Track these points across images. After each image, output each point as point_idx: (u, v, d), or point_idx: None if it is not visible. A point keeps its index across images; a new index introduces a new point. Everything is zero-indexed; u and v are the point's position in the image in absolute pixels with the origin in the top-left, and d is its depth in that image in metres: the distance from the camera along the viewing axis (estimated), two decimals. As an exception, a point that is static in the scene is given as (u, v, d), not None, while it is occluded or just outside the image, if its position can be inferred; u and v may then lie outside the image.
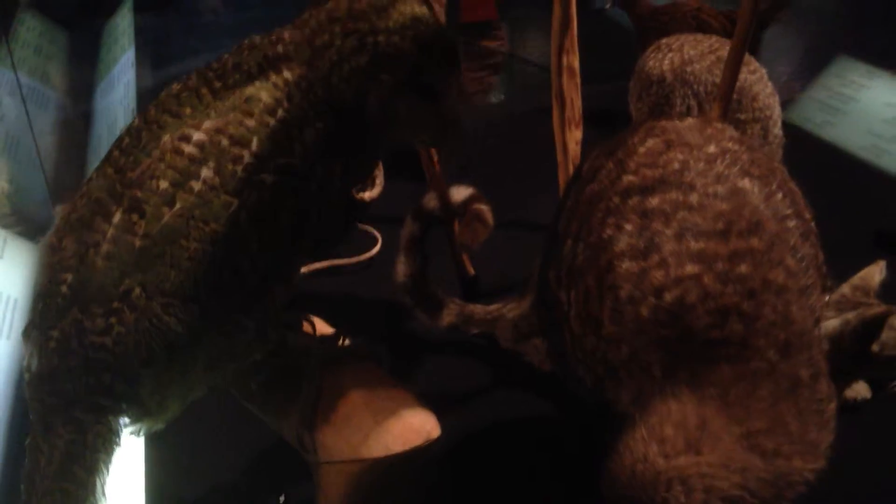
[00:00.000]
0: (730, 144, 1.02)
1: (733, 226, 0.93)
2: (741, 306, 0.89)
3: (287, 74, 0.95)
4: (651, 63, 1.71)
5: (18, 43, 3.24)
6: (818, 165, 2.35)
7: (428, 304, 1.51)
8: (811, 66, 2.79)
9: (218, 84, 0.96)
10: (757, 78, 1.63)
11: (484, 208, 1.47)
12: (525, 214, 1.92)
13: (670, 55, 1.66)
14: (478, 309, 1.51)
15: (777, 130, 1.65)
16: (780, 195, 0.98)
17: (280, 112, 0.93)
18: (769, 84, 1.66)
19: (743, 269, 0.91)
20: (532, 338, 1.44)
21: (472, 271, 1.72)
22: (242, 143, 0.92)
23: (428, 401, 1.11)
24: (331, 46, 0.96)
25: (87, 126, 2.77)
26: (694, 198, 0.95)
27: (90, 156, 2.67)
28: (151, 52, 3.11)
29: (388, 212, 1.79)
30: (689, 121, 1.07)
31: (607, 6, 2.16)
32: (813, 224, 1.02)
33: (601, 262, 0.98)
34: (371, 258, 1.86)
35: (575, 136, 1.72)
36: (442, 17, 1.89)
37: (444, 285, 1.55)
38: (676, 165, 0.99)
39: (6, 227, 2.25)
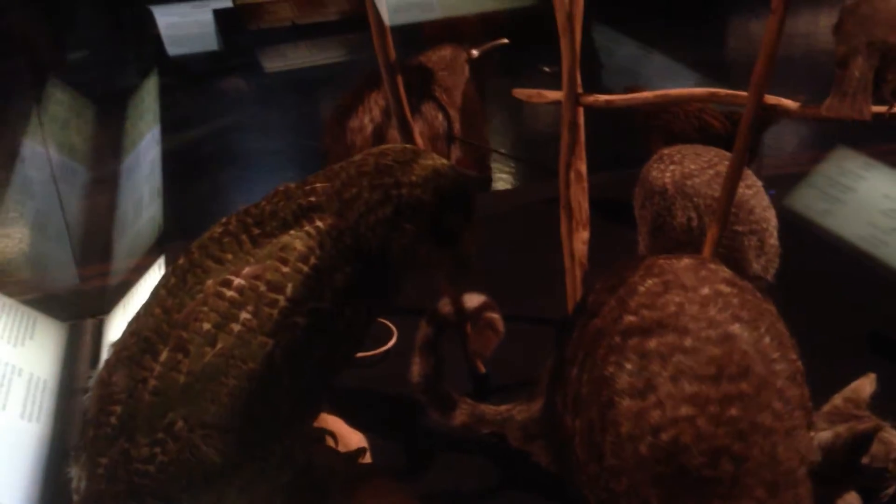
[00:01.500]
0: (722, 287, 1.11)
1: (724, 370, 1.01)
2: (732, 448, 0.98)
3: (319, 224, 1.05)
4: (654, 174, 1.81)
5: (48, 116, 3.38)
6: (818, 256, 2.44)
7: (441, 403, 1.59)
8: (811, 154, 2.89)
9: (256, 231, 1.06)
10: (753, 192, 1.72)
11: (495, 317, 1.56)
12: (534, 310, 2.01)
13: (672, 167, 1.76)
14: (489, 409, 1.59)
15: (773, 241, 1.74)
16: (767, 339, 1.06)
17: (312, 259, 1.03)
18: (765, 196, 1.76)
19: (733, 412, 0.99)
20: (540, 440, 1.53)
21: (482, 369, 1.80)
22: (278, 288, 1.01)
23: (440, 499, 1.18)
24: (359, 199, 1.06)
25: (113, 204, 2.87)
26: (689, 342, 1.04)
27: (115, 234, 2.78)
28: (177, 127, 3.23)
29: (405, 303, 1.89)
30: (686, 261, 1.17)
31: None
32: (799, 363, 1.11)
33: (603, 398, 1.06)
34: (387, 350, 1.95)
35: (582, 236, 1.81)
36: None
37: (456, 379, 1.63)
38: (673, 308, 1.08)
39: (35, 306, 2.34)
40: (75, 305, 2.44)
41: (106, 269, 2.63)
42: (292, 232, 1.05)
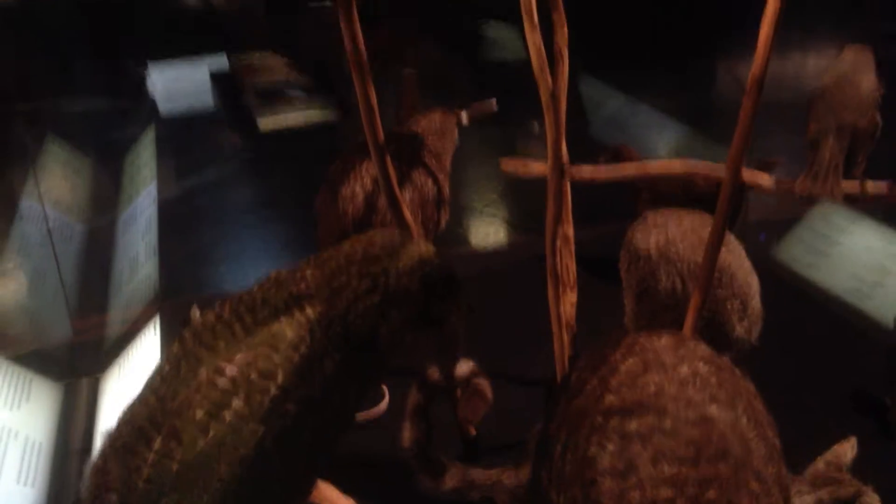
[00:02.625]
0: (701, 366, 1.15)
1: (703, 452, 1.05)
2: (710, 529, 1.00)
3: (309, 312, 1.09)
4: (638, 237, 1.85)
5: (45, 172, 3.42)
6: (804, 310, 2.48)
7: (432, 468, 1.62)
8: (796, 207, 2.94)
9: (248, 318, 1.09)
10: (735, 257, 1.77)
11: (484, 383, 1.59)
12: (523, 370, 2.04)
13: (655, 232, 1.81)
14: (479, 474, 1.62)
15: (756, 304, 1.78)
16: (745, 419, 1.10)
17: (303, 348, 1.06)
18: (747, 261, 1.80)
19: (711, 494, 1.02)
20: (528, 505, 1.55)
21: (472, 432, 1.82)
22: (269, 376, 1.05)
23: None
24: (347, 287, 1.09)
25: (108, 261, 2.90)
26: (668, 423, 1.07)
27: (111, 291, 2.81)
28: (173, 183, 3.27)
29: (396, 365, 1.92)
30: (665, 339, 1.20)
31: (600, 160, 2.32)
32: (776, 440, 1.14)
33: (586, 477, 1.09)
34: (378, 412, 1.97)
35: (570, 299, 1.85)
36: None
37: (446, 442, 1.66)
38: (653, 388, 1.11)
39: (31, 365, 2.37)
40: (70, 363, 2.46)
41: (101, 325, 2.66)
42: (283, 320, 1.08)
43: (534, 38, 1.60)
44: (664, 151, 3.33)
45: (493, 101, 2.26)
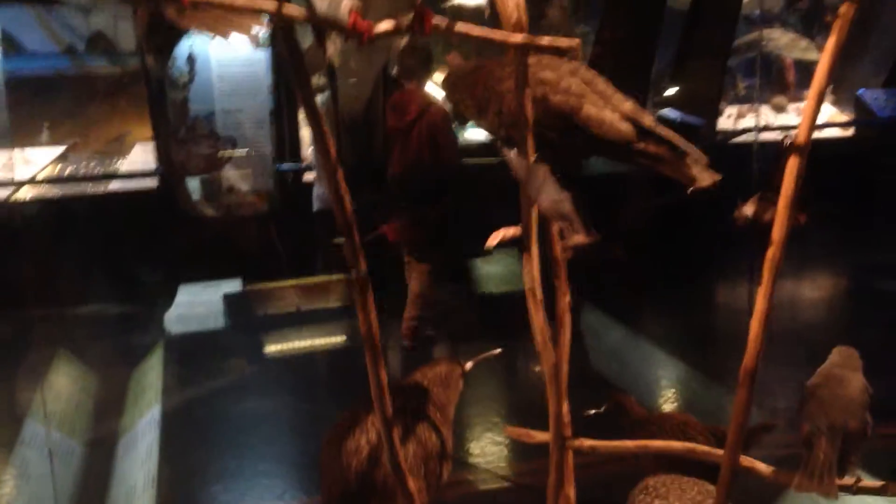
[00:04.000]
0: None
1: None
2: None
3: None
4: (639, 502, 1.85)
5: (52, 390, 3.46)
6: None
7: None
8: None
9: None
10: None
11: None
12: None
13: (657, 503, 1.81)
14: None
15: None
16: None
17: None
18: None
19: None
20: None
21: None
22: None
23: None
24: None
25: (106, 487, 2.88)
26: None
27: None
28: (176, 406, 3.29)
29: None
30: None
31: (597, 412, 2.37)
32: None
33: None
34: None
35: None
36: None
37: None
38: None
39: None
40: None
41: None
42: None
43: (537, 318, 1.68)
44: (664, 386, 3.38)
45: (499, 349, 2.33)
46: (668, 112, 5.88)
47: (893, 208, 5.44)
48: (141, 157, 5.09)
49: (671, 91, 6.06)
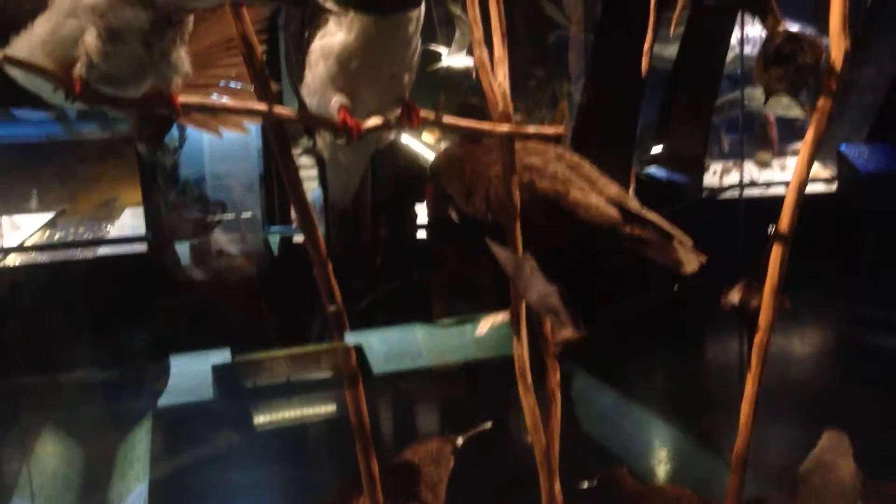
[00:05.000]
0: None
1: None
2: None
3: None
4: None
5: (38, 466, 3.41)
6: None
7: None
8: None
9: None
10: None
11: None
12: None
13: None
14: None
15: None
16: None
17: None
18: None
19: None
20: None
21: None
22: None
23: None
24: None
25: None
26: None
27: None
28: (163, 482, 3.24)
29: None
30: None
31: (590, 485, 2.35)
32: None
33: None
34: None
35: None
36: None
37: None
38: None
39: None
40: None
41: None
42: None
43: (527, 401, 1.69)
44: (657, 454, 3.36)
45: (489, 423, 2.33)
46: (654, 170, 5.95)
47: (878, 263, 5.49)
48: (131, 221, 5.10)
49: (657, 149, 6.14)
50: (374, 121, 1.43)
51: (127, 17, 1.12)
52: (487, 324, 1.66)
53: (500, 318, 1.67)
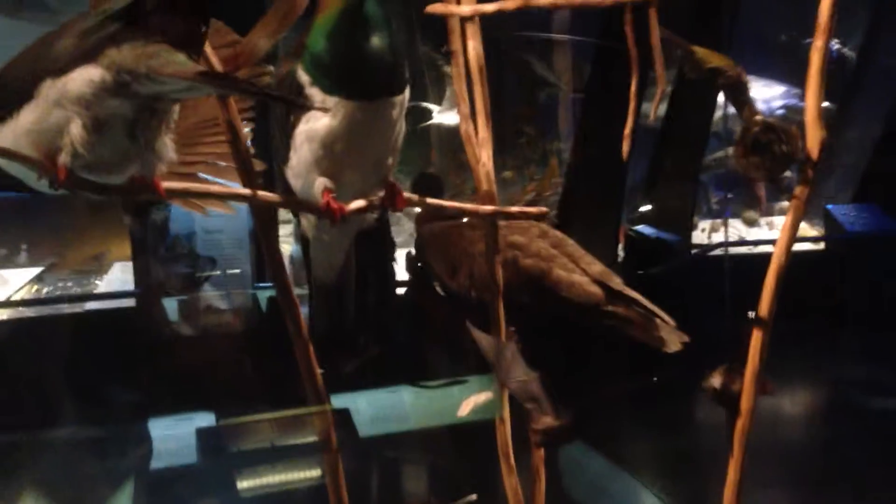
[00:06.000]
0: None
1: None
2: None
3: None
4: None
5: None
6: None
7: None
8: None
9: None
10: None
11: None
12: None
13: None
14: None
15: None
16: None
17: None
18: None
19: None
20: None
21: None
22: None
23: None
24: None
25: None
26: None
27: None
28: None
29: None
30: None
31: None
32: None
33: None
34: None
35: None
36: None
37: None
38: None
39: None
40: None
41: None
42: None
43: (510, 481, 1.68)
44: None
45: (474, 496, 2.31)
46: (643, 228, 5.98)
47: (864, 323, 5.51)
48: (120, 276, 5.09)
49: (645, 207, 6.19)
50: (357, 204, 1.44)
51: (112, 107, 1.14)
52: (470, 405, 1.65)
53: (482, 398, 1.67)
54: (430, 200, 1.52)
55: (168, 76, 1.08)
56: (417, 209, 2.22)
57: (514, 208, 1.66)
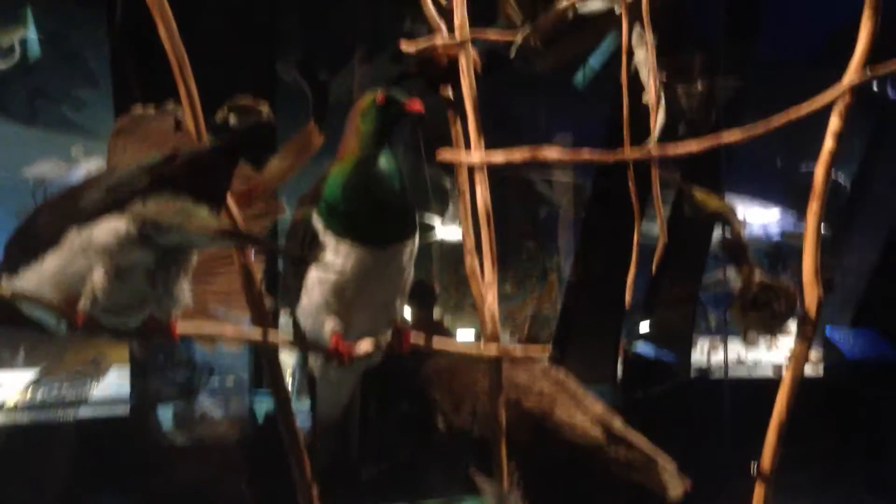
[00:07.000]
0: None
1: None
2: None
3: None
4: None
5: None
6: None
7: None
8: None
9: None
10: None
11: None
12: None
13: None
14: None
15: None
16: None
17: None
18: None
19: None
20: None
21: None
22: None
23: None
24: None
25: None
26: None
27: None
28: None
29: None
30: None
31: None
32: None
33: None
34: None
35: None
36: None
37: None
38: None
39: None
40: None
41: None
42: None
43: None
44: None
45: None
46: (643, 347, 5.99)
47: (863, 449, 5.44)
48: (116, 380, 5.04)
49: (645, 326, 6.20)
50: (365, 346, 1.46)
51: (135, 257, 1.18)
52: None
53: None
54: (436, 344, 1.54)
55: (191, 231, 1.13)
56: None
57: (519, 350, 1.69)
